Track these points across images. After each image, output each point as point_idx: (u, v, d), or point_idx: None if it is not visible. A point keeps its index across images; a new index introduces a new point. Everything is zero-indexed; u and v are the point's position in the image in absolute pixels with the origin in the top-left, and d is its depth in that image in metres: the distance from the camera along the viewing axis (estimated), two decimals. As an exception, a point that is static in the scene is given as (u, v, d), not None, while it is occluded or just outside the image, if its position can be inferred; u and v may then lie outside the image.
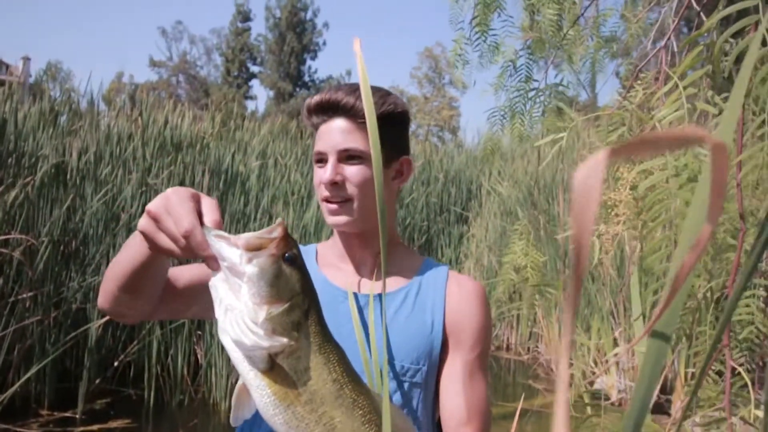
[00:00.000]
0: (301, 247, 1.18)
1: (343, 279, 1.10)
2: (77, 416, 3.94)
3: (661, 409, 4.75)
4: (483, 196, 8.72)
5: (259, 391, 0.66)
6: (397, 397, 1.03)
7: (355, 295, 1.08)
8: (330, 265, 1.15)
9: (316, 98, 1.07)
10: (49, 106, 5.00)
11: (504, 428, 4.54)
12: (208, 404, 4.58)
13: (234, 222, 5.24)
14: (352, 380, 0.70)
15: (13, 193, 3.99)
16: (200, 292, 0.96)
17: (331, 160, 1.04)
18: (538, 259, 1.71)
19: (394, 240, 1.16)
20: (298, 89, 32.61)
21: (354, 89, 1.05)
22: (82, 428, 3.80)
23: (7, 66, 26.91)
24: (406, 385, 1.03)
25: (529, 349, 6.68)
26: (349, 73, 33.55)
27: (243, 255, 0.65)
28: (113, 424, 3.96)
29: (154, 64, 34.01)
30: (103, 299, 0.96)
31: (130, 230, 4.58)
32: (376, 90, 1.07)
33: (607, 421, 1.66)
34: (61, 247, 4.29)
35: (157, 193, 4.94)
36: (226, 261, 0.66)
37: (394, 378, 1.03)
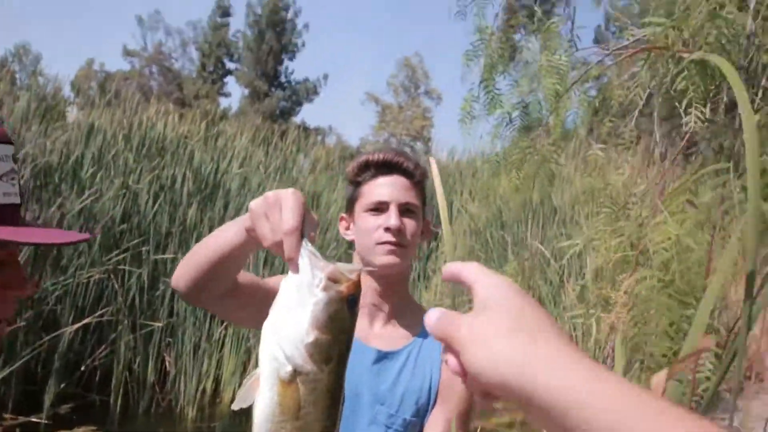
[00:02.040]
0: None
1: (362, 329, 1.18)
2: (42, 421, 3.87)
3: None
4: (454, 214, 8.86)
5: (269, 394, 0.71)
6: None
7: (369, 348, 1.18)
8: None
9: (378, 155, 1.22)
10: (35, 103, 4.91)
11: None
12: (175, 411, 4.56)
13: (215, 228, 5.23)
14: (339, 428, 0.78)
15: None
16: (258, 299, 1.04)
17: (394, 209, 1.17)
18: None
19: (407, 295, 1.29)
20: (273, 89, 32.42)
21: (407, 155, 1.24)
22: (46, 433, 3.75)
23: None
24: None
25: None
26: (325, 77, 33.55)
27: (323, 282, 0.71)
28: (78, 430, 3.90)
29: (128, 53, 33.35)
30: (181, 276, 1.02)
31: (107, 233, 4.53)
32: (412, 154, 1.22)
33: None
34: (36, 248, 4.22)
35: (137, 197, 4.91)
36: (306, 276, 0.71)
37: (397, 429, 1.14)
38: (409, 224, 1.18)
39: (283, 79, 33.03)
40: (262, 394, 0.71)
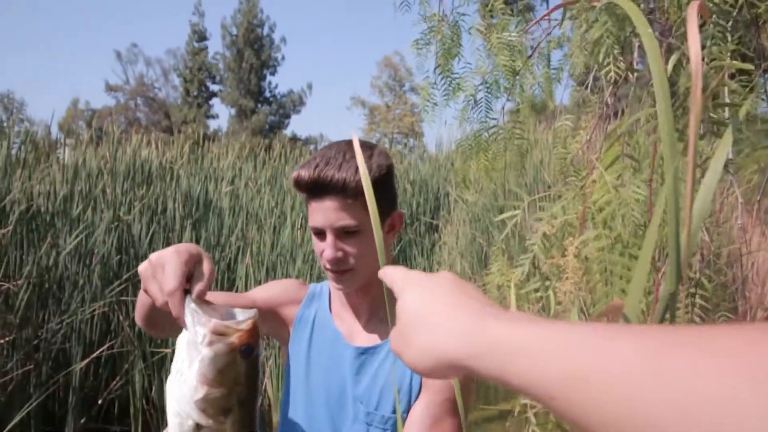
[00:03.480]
0: (315, 286, 1.30)
1: (346, 328, 1.21)
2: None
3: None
4: (451, 204, 8.89)
5: None
6: None
7: (351, 346, 1.18)
8: (337, 312, 1.25)
9: (305, 175, 1.09)
10: (15, 147, 4.97)
11: (487, 431, 4.66)
12: (195, 434, 4.59)
13: (210, 249, 5.29)
14: None
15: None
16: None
17: (330, 237, 1.10)
18: (509, 279, 1.84)
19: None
20: (260, 105, 32.51)
21: (340, 164, 1.08)
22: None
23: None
24: None
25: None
26: (309, 87, 33.60)
27: (207, 336, 0.72)
28: (102, 463, 3.96)
29: (110, 88, 33.48)
30: (138, 322, 1.04)
31: (105, 266, 4.59)
32: (366, 150, 1.12)
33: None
34: (38, 289, 4.28)
35: (130, 228, 4.97)
36: (191, 335, 0.73)
37: (377, 426, 1.13)
38: (351, 246, 1.11)
39: (267, 94, 33.10)
40: None
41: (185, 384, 0.72)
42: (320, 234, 1.12)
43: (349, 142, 1.12)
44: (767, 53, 1.55)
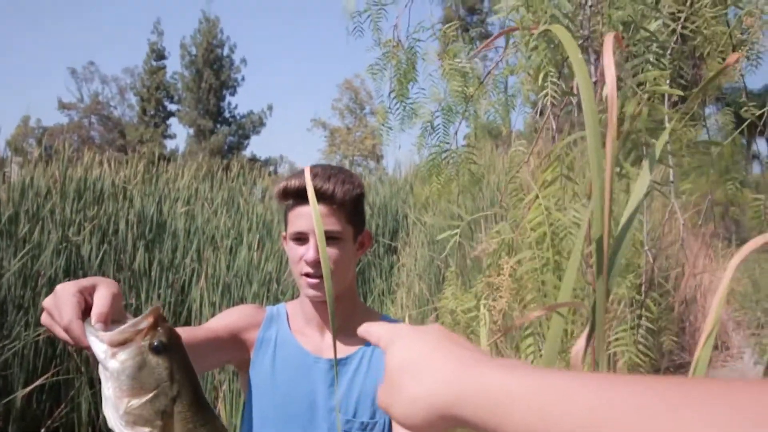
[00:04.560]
0: (272, 309, 1.32)
1: (311, 343, 1.25)
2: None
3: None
4: (410, 226, 8.95)
5: None
6: None
7: (321, 359, 1.23)
8: (298, 330, 1.29)
9: (295, 183, 1.19)
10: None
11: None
12: (144, 463, 4.43)
13: (164, 270, 5.16)
14: None
15: None
16: (197, 353, 1.02)
17: (312, 241, 1.18)
18: (466, 302, 1.86)
19: (356, 301, 1.31)
20: (218, 126, 32.18)
21: (328, 176, 1.20)
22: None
23: None
24: None
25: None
26: (270, 108, 33.48)
27: (107, 350, 0.69)
28: (43, 496, 3.77)
29: (63, 106, 32.62)
30: None
31: (51, 289, 4.42)
32: (340, 172, 1.23)
33: None
34: (-22, 313, 4.09)
35: (79, 249, 4.81)
36: (97, 356, 0.69)
37: None
38: (331, 253, 1.18)
39: (227, 114, 32.83)
40: None
41: (108, 406, 0.68)
42: (301, 239, 1.19)
43: (332, 165, 1.26)
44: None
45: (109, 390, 0.68)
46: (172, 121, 33.20)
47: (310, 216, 1.16)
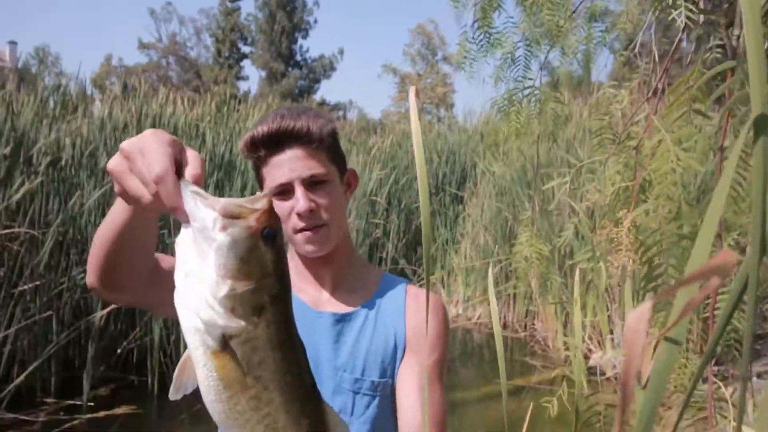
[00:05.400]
0: None
1: (310, 298, 1.13)
2: (83, 404, 4.01)
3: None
4: (478, 176, 8.75)
5: (204, 371, 0.59)
6: (373, 411, 1.08)
7: (324, 314, 1.11)
8: (295, 285, 1.15)
9: (263, 130, 1.03)
10: (45, 95, 4.99)
11: (501, 406, 4.64)
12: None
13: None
14: (306, 387, 0.65)
15: (21, 189, 4.01)
16: None
17: (299, 189, 1.03)
18: (542, 250, 1.76)
19: (352, 255, 1.18)
20: (290, 69, 32.36)
21: (298, 114, 1.04)
22: (88, 415, 3.88)
23: (-6, 51, 26.53)
24: (377, 399, 1.08)
25: (525, 326, 6.79)
26: (341, 52, 33.28)
27: (218, 220, 0.58)
28: (118, 411, 4.04)
29: (143, 46, 33.60)
30: (90, 274, 0.89)
31: (128, 219, 4.61)
32: (308, 110, 1.09)
33: (605, 397, 1.77)
34: (62, 239, 4.32)
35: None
36: (198, 222, 0.58)
37: (366, 393, 1.08)
38: (322, 198, 1.04)
39: (298, 57, 32.92)
40: (198, 375, 0.60)
41: (203, 283, 0.58)
42: (284, 193, 1.04)
43: (298, 104, 1.09)
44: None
45: (210, 266, 0.58)
46: (245, 63, 33.65)
47: (289, 162, 1.02)
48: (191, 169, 0.62)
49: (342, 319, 1.10)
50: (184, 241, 0.60)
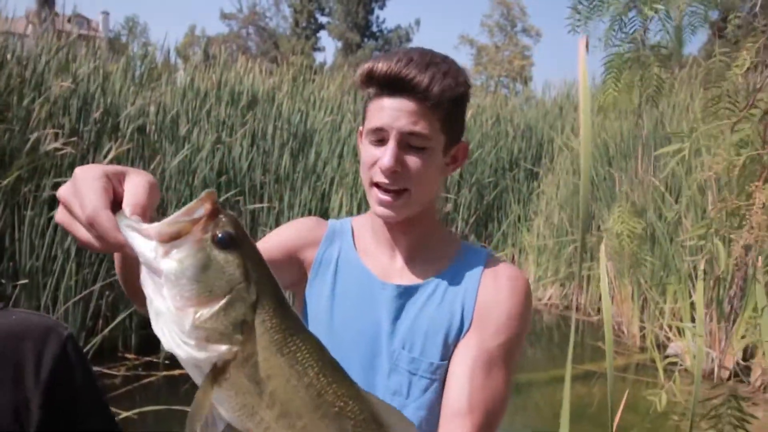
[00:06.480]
0: (335, 223, 1.12)
1: (379, 266, 1.05)
2: (160, 361, 4.21)
3: (739, 375, 4.59)
4: (555, 152, 8.42)
5: (220, 406, 0.55)
6: (430, 396, 0.98)
7: (389, 286, 1.02)
8: (365, 250, 1.08)
9: (383, 67, 0.93)
10: (133, 64, 5.19)
11: (573, 391, 4.51)
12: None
13: (307, 176, 5.33)
14: (334, 382, 0.57)
15: (110, 154, 4.20)
16: None
17: (392, 143, 0.93)
18: (634, 227, 1.63)
19: (434, 224, 1.08)
20: (366, 39, 32.30)
21: (426, 64, 0.93)
22: (165, 372, 4.06)
23: (88, 21, 27.91)
24: (436, 383, 0.98)
25: (599, 309, 6.53)
26: (417, 23, 32.84)
27: (158, 248, 0.52)
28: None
29: (224, 16, 34.45)
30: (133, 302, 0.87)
31: (205, 186, 4.75)
32: (444, 62, 0.96)
33: (678, 387, 1.66)
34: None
35: (230, 150, 5.08)
36: (142, 257, 0.53)
37: (423, 375, 0.98)
38: (414, 162, 0.94)
39: (374, 28, 32.77)
40: (221, 411, 0.55)
41: (167, 323, 0.52)
42: (379, 140, 0.95)
43: (434, 52, 0.97)
44: None
45: (164, 301, 0.52)
46: (322, 33, 33.85)
47: (396, 110, 0.93)
48: (130, 198, 0.56)
49: (406, 292, 1.01)
50: (144, 280, 0.54)
